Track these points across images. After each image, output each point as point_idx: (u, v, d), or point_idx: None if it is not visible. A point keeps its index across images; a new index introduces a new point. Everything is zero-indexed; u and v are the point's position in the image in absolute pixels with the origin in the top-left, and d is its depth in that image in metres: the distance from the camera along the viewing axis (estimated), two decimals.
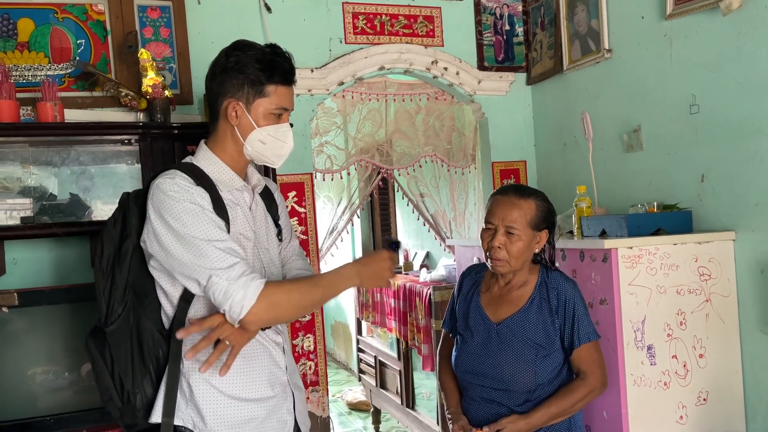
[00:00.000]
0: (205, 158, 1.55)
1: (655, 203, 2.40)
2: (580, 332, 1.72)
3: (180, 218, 1.40)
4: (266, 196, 1.69)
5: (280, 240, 1.70)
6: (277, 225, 1.69)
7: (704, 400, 2.17)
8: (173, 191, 1.42)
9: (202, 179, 1.48)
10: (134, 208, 1.50)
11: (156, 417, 1.47)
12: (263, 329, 1.53)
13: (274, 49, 1.54)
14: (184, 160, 1.57)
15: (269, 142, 1.55)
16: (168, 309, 1.50)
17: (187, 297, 1.47)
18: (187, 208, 1.41)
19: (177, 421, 1.47)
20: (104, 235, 1.51)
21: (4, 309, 2.22)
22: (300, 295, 1.45)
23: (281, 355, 1.61)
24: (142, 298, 1.50)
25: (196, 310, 1.49)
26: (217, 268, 1.37)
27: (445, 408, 1.87)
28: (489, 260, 1.76)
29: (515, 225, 1.71)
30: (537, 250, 1.78)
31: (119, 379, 1.49)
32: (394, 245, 1.60)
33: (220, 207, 1.48)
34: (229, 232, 1.47)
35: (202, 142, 1.59)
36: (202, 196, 1.45)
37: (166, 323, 1.50)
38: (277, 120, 1.55)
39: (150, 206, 1.43)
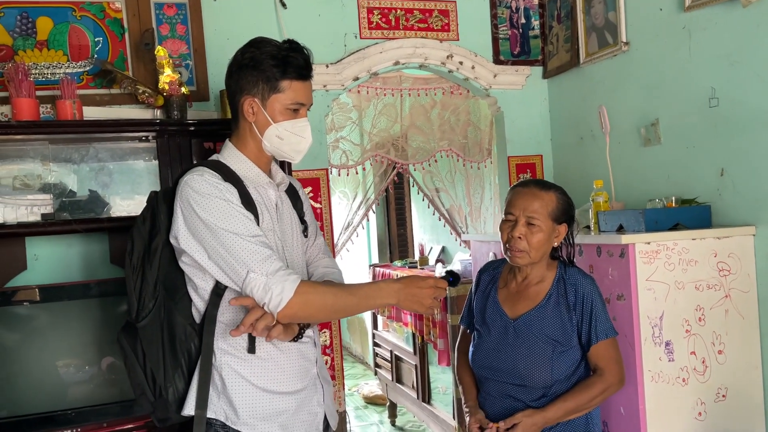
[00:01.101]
0: (231, 155, 1.57)
1: (674, 198, 2.37)
2: (597, 329, 1.71)
3: (212, 214, 1.42)
4: (291, 193, 1.70)
5: (306, 237, 1.71)
6: (303, 222, 1.70)
7: (723, 396, 2.15)
8: (203, 188, 1.44)
9: (229, 176, 1.50)
10: (163, 205, 1.53)
11: (188, 410, 1.49)
12: (301, 329, 1.54)
13: (290, 44, 1.55)
14: (210, 158, 1.59)
15: (286, 138, 1.56)
16: (199, 303, 1.52)
17: (218, 291, 1.49)
18: (218, 204, 1.43)
19: (209, 414, 1.49)
20: (134, 233, 1.54)
21: (26, 303, 2.26)
22: (334, 298, 1.46)
23: (312, 348, 1.62)
24: (172, 293, 1.53)
25: (227, 302, 1.50)
26: (254, 262, 1.39)
27: (463, 402, 1.88)
28: (508, 252, 1.75)
29: (536, 215, 1.71)
30: (556, 244, 1.77)
31: (151, 373, 1.51)
32: (452, 278, 1.59)
33: (248, 203, 1.50)
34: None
35: (228, 140, 1.61)
36: (231, 192, 1.47)
37: (197, 317, 1.52)
38: (293, 115, 1.56)
39: (179, 203, 1.46)
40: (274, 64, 1.51)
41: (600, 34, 2.93)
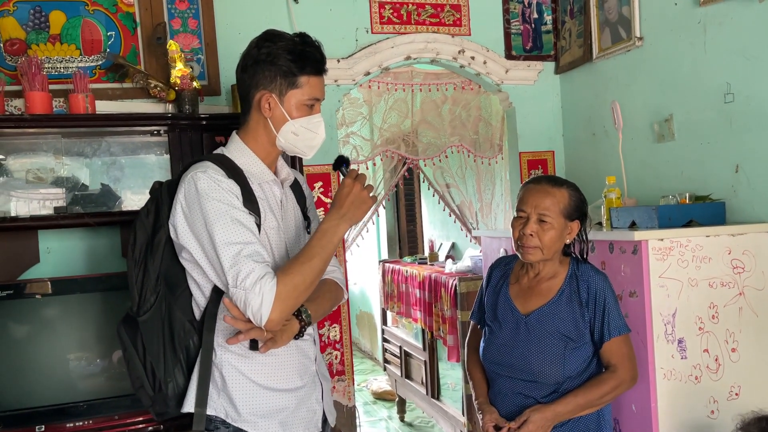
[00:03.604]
0: (237, 149, 1.55)
1: (687, 194, 2.35)
2: (610, 325, 1.70)
3: (209, 216, 1.40)
4: (295, 188, 1.69)
5: (309, 233, 1.70)
6: (306, 218, 1.69)
7: (736, 394, 2.13)
8: (204, 187, 1.42)
9: (233, 171, 1.49)
10: (167, 198, 1.52)
11: (188, 407, 1.49)
12: (302, 327, 1.52)
13: (303, 38, 1.53)
14: (215, 151, 1.57)
15: (302, 134, 1.55)
16: (200, 299, 1.51)
17: (218, 289, 1.48)
18: (216, 207, 1.41)
19: (209, 411, 1.48)
20: (137, 225, 1.53)
21: (38, 296, 2.27)
22: (302, 277, 1.41)
23: (311, 346, 1.62)
24: (173, 288, 1.52)
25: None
26: (235, 277, 1.37)
27: (474, 399, 1.87)
28: (520, 249, 1.74)
29: (548, 213, 1.70)
30: (568, 241, 1.76)
31: (151, 367, 1.52)
32: (344, 165, 1.55)
33: (250, 200, 1.48)
34: (259, 226, 1.48)
35: (234, 133, 1.59)
36: (233, 191, 1.45)
37: (197, 314, 1.52)
38: (309, 111, 1.55)
39: (182, 199, 1.44)
40: (291, 59, 1.49)
41: (613, 29, 2.90)
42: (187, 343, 1.51)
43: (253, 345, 1.47)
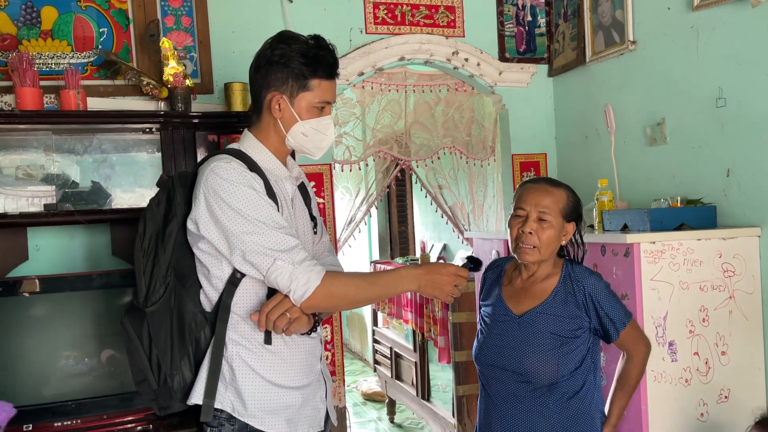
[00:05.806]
0: (252, 146, 1.57)
1: (679, 198, 2.37)
2: (616, 322, 1.70)
3: (240, 201, 1.42)
4: (302, 189, 1.70)
5: (315, 233, 1.71)
6: (312, 218, 1.70)
7: (726, 397, 2.14)
8: (230, 175, 1.44)
9: (252, 166, 1.51)
10: (180, 189, 1.52)
11: (195, 399, 1.49)
12: (315, 323, 1.54)
13: (318, 41, 1.54)
14: (230, 146, 1.58)
15: (311, 135, 1.57)
16: (210, 292, 1.51)
17: (234, 280, 1.48)
18: (245, 191, 1.43)
19: (215, 404, 1.48)
20: (147, 216, 1.53)
21: (26, 294, 2.25)
22: (356, 290, 1.48)
23: (318, 345, 1.63)
24: (184, 279, 1.52)
25: (242, 293, 1.50)
26: (281, 250, 1.40)
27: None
28: (517, 248, 1.74)
29: (548, 211, 1.70)
30: (564, 243, 1.76)
31: (156, 360, 1.50)
32: (472, 265, 1.60)
33: (271, 195, 1.50)
34: None
35: (247, 130, 1.61)
36: (258, 182, 1.47)
37: (206, 305, 1.52)
38: (319, 113, 1.57)
39: (204, 189, 1.45)
40: (304, 62, 1.51)
41: (607, 32, 2.92)
42: (197, 335, 1.51)
43: (267, 339, 1.49)
